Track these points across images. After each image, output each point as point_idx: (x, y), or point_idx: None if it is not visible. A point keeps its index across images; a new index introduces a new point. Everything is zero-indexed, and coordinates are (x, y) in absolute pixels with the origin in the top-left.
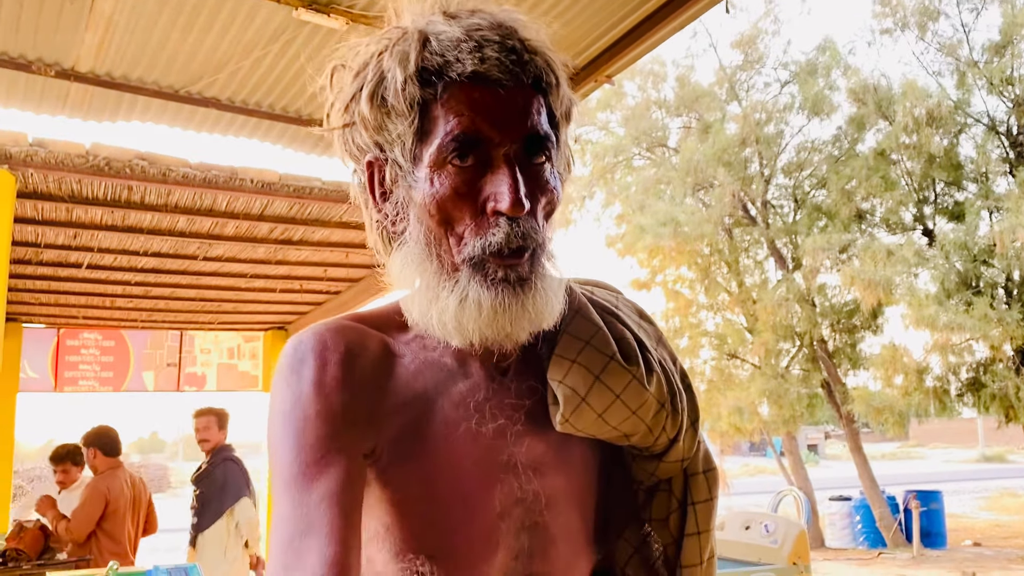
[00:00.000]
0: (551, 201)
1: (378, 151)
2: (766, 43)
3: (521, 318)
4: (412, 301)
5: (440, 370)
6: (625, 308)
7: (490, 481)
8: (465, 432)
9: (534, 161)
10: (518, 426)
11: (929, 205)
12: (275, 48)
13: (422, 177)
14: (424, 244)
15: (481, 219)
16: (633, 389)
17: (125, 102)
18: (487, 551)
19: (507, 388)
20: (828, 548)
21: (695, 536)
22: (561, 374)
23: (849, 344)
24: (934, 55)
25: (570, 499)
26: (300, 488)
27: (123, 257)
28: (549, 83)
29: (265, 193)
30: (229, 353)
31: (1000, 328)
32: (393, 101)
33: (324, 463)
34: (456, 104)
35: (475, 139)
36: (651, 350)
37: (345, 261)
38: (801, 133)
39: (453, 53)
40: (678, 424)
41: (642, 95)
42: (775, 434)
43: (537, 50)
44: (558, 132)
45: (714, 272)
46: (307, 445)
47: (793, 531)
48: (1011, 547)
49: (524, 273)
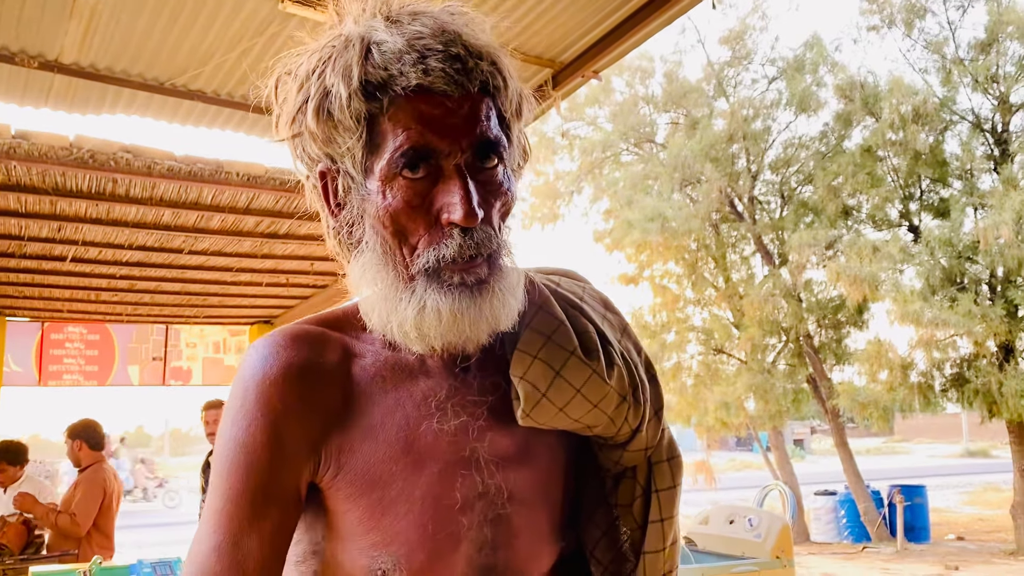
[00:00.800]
0: (505, 203)
1: (329, 161)
2: (754, 39)
3: (479, 321)
4: (372, 308)
5: (401, 369)
6: (590, 300)
7: (451, 476)
8: (426, 430)
9: (486, 166)
10: (480, 422)
11: (915, 202)
12: (261, 41)
13: (374, 189)
14: (380, 253)
15: (435, 229)
16: (594, 383)
17: (110, 94)
18: (450, 544)
19: (469, 385)
20: (813, 542)
21: (658, 523)
22: (522, 370)
23: (835, 339)
24: (920, 52)
25: (534, 492)
26: (238, 522)
27: (108, 250)
28: (496, 85)
29: (251, 186)
30: (215, 347)
31: (984, 324)
32: (339, 116)
33: (266, 502)
34: (403, 117)
35: (424, 151)
36: (614, 343)
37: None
38: (788, 129)
39: (396, 66)
40: (640, 415)
41: (630, 91)
42: (761, 429)
43: (482, 53)
44: (509, 131)
45: (701, 267)
46: (252, 479)
47: (776, 525)
48: (994, 541)
49: (482, 275)
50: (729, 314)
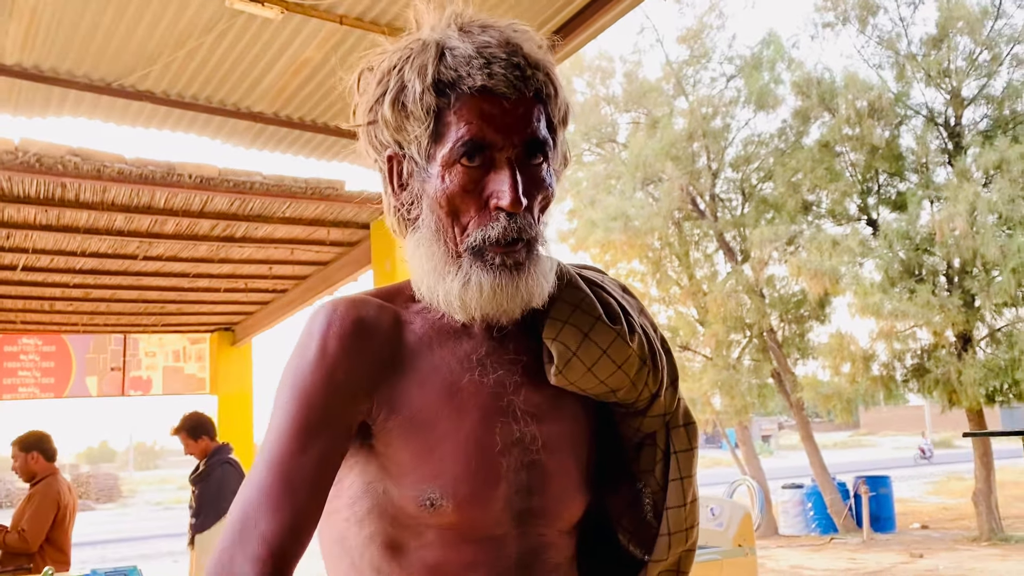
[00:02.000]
0: (546, 197)
1: (397, 147)
2: (712, 38)
3: (515, 297)
4: (421, 280)
5: (446, 333)
6: (611, 283)
7: (491, 423)
8: (468, 382)
9: (532, 162)
10: (516, 377)
11: (872, 196)
12: (209, 39)
13: (435, 174)
14: (434, 231)
15: (484, 212)
16: (618, 345)
17: (55, 96)
18: (491, 482)
19: (506, 347)
20: (782, 535)
21: (678, 481)
22: (555, 333)
23: (798, 334)
24: (874, 48)
25: (564, 443)
26: (291, 448)
27: (60, 258)
28: (548, 94)
29: (204, 189)
30: (175, 356)
31: (942, 314)
32: (412, 107)
33: (317, 433)
34: (467, 113)
35: (481, 144)
36: (634, 316)
37: (291, 258)
38: (747, 127)
39: (465, 68)
40: (659, 380)
41: (591, 91)
42: (728, 425)
43: (539, 65)
44: (555, 135)
45: (665, 265)
46: (306, 410)
47: (738, 514)
48: (957, 529)
49: (520, 259)
50: (694, 311)
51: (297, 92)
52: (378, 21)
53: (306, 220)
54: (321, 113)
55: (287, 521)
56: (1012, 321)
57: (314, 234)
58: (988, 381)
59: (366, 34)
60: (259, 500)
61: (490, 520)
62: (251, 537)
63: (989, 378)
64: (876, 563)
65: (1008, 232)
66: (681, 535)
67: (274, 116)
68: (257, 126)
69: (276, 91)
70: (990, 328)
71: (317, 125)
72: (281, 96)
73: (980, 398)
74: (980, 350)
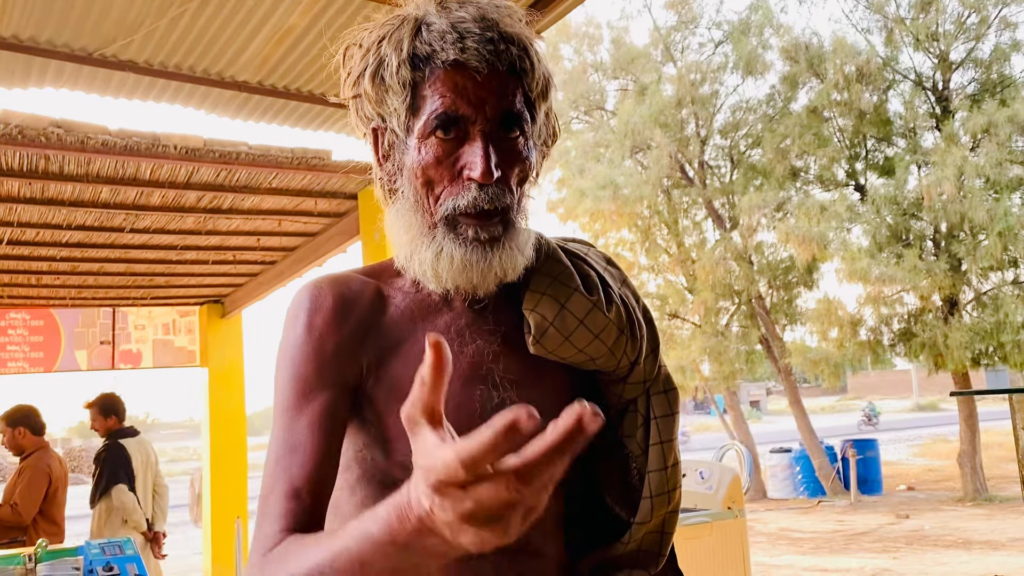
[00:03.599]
0: (523, 170)
1: (380, 120)
2: (699, 3)
3: (488, 272)
4: (401, 248)
5: (427, 306)
6: (594, 255)
7: (471, 390)
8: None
9: (509, 135)
10: (494, 347)
11: (860, 161)
12: (192, 6)
13: (412, 145)
14: (412, 201)
15: (456, 182)
16: (594, 315)
17: (35, 67)
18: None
19: (485, 318)
20: (771, 499)
21: (658, 445)
22: (533, 304)
23: (786, 300)
24: (863, 12)
25: (546, 409)
26: (290, 415)
27: (46, 231)
28: (524, 68)
29: (190, 160)
30: (164, 328)
31: (929, 279)
32: (390, 81)
33: (311, 396)
34: (440, 86)
35: (455, 117)
36: (613, 287)
37: (278, 229)
38: (736, 93)
39: (439, 43)
40: (637, 348)
41: (578, 58)
42: (716, 391)
43: (514, 39)
44: (534, 109)
45: (654, 234)
46: (298, 380)
47: (727, 477)
48: (942, 490)
49: (496, 233)
50: (683, 279)
51: (282, 60)
52: None
53: (293, 191)
54: (307, 82)
55: (298, 479)
56: (998, 284)
57: (301, 205)
58: (974, 344)
59: (351, 0)
60: (272, 472)
61: None
62: (271, 504)
63: (975, 341)
64: (863, 525)
65: (995, 196)
66: (664, 497)
67: (259, 85)
68: (242, 95)
69: (261, 59)
70: (976, 292)
71: (303, 94)
72: (266, 64)
73: (966, 361)
74: (966, 314)
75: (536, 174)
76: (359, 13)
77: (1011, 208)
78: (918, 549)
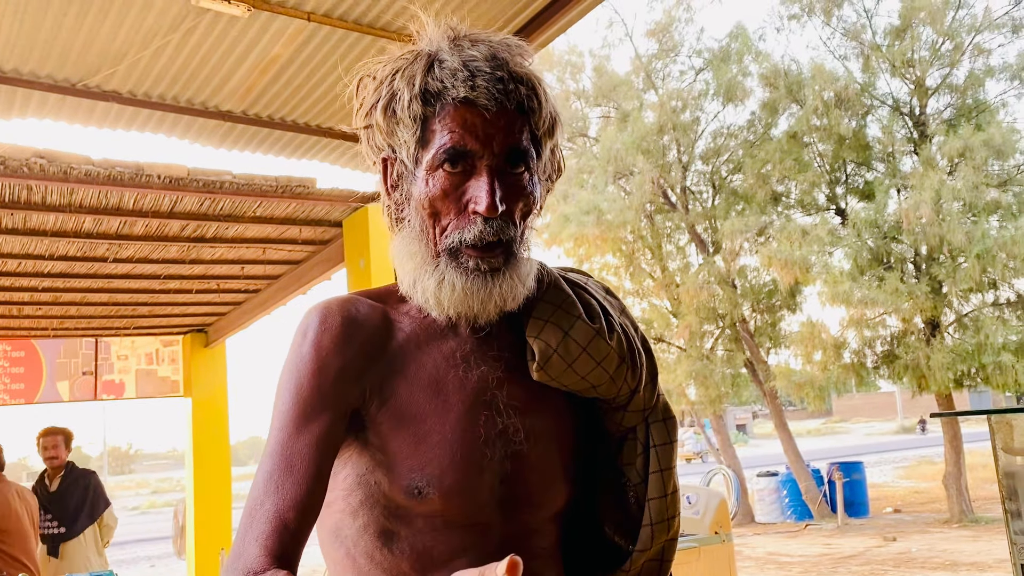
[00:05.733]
0: (527, 204)
1: (390, 151)
2: (680, 31)
3: (488, 301)
4: (405, 276)
5: (432, 332)
6: (594, 285)
7: (475, 415)
8: (453, 376)
9: (514, 171)
10: (498, 373)
11: (841, 185)
12: (176, 38)
13: (420, 177)
14: (418, 231)
15: (462, 216)
16: (597, 343)
17: (19, 97)
18: (475, 471)
19: (490, 345)
20: (758, 523)
21: (658, 473)
22: (536, 332)
23: (770, 323)
24: (840, 40)
25: (547, 435)
26: (289, 432)
27: (28, 262)
28: (532, 107)
29: (173, 189)
30: (147, 358)
31: (910, 301)
32: (401, 114)
33: (312, 415)
34: (450, 122)
35: (463, 151)
36: (614, 316)
37: (263, 257)
38: (716, 119)
39: (450, 80)
40: (637, 376)
41: (561, 86)
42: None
43: (523, 79)
44: (540, 147)
45: (638, 258)
46: (301, 398)
47: (714, 501)
48: (928, 512)
49: (497, 265)
50: (667, 303)
51: (266, 90)
52: (346, 17)
53: (277, 219)
54: (291, 111)
55: (289, 499)
56: (978, 306)
57: (286, 233)
58: (956, 366)
59: (334, 30)
60: (264, 485)
61: (475, 508)
62: (258, 519)
63: (957, 363)
64: (851, 548)
65: (973, 219)
66: (663, 525)
67: (243, 115)
68: (226, 125)
69: (245, 89)
70: (957, 314)
71: (287, 123)
72: (250, 94)
73: (949, 383)
74: (948, 335)
75: (540, 207)
76: (342, 43)
77: (988, 231)
78: (906, 572)
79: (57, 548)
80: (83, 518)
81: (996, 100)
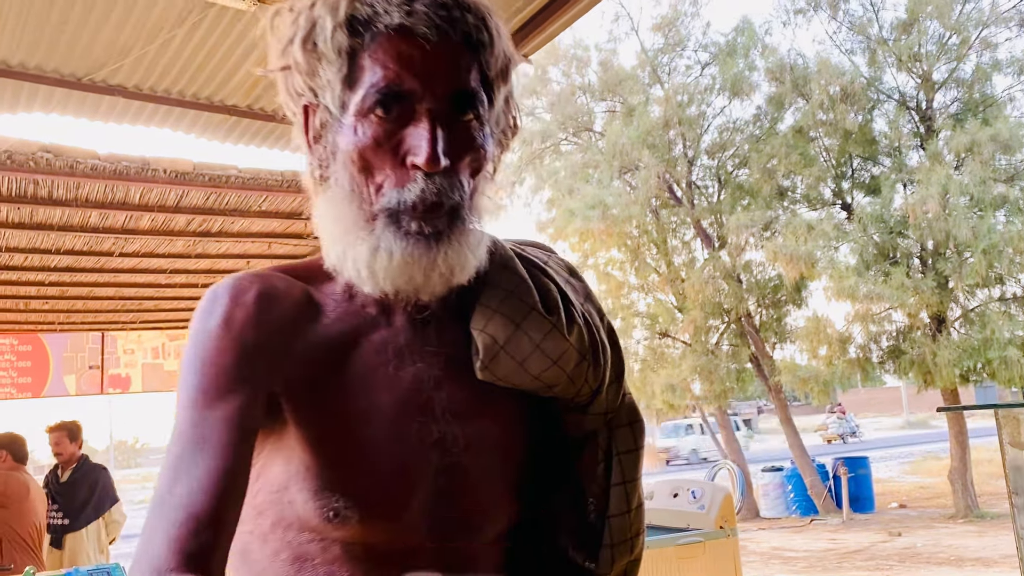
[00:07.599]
0: (476, 159)
1: (312, 96)
2: (686, 25)
3: (432, 271)
4: (332, 244)
5: (362, 319)
6: (555, 265)
7: (406, 422)
8: (383, 375)
9: (462, 118)
10: (437, 371)
11: (847, 180)
12: (181, 32)
13: (348, 124)
14: (347, 190)
15: (400, 171)
16: (553, 338)
17: (25, 92)
18: (402, 489)
19: (428, 336)
20: (763, 518)
21: (621, 486)
22: (483, 323)
23: (775, 318)
24: (846, 34)
25: (493, 445)
26: (199, 409)
27: (34, 256)
28: (481, 40)
29: (179, 183)
30: (154, 352)
31: (916, 296)
32: (323, 48)
33: (225, 389)
34: (382, 55)
35: (399, 92)
36: (576, 304)
37: (268, 252)
38: (722, 114)
39: (382, 4)
40: (600, 375)
41: (567, 80)
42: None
43: (470, 7)
44: (492, 91)
45: (643, 253)
46: (210, 372)
47: (719, 496)
48: (934, 507)
49: (440, 227)
50: (672, 298)
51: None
52: None
53: (283, 214)
54: None
55: (204, 483)
56: (984, 301)
57: (291, 227)
58: (962, 361)
59: None
60: (173, 470)
61: (403, 532)
62: (167, 509)
63: (963, 358)
64: (856, 543)
65: (979, 214)
66: (625, 545)
67: (249, 109)
68: (232, 119)
69: (250, 83)
70: (963, 309)
71: None
72: (256, 88)
73: (955, 378)
74: (954, 331)
75: (493, 168)
76: None
77: (995, 226)
78: (911, 567)
79: (61, 539)
80: (88, 512)
81: (1003, 95)
